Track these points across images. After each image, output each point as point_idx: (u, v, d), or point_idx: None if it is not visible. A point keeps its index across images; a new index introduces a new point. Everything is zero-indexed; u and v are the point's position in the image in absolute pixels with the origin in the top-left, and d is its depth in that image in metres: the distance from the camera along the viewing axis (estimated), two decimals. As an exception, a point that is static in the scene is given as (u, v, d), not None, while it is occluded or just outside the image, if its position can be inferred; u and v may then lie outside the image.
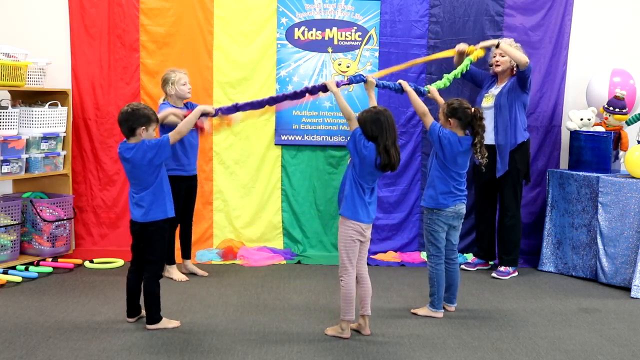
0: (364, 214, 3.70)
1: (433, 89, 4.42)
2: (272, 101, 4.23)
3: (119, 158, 3.86)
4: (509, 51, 4.96)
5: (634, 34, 5.71)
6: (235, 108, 4.25)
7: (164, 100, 4.77)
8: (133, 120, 3.70)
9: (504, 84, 5.14)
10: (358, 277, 3.80)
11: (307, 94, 4.18)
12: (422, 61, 5.42)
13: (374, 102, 3.98)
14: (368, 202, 3.71)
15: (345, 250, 3.72)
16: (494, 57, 5.15)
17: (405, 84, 4.25)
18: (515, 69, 5.05)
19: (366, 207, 3.70)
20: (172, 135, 3.81)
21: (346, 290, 3.71)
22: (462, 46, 5.10)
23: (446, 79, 4.71)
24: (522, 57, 4.90)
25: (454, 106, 4.03)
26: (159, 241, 3.83)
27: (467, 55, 5.04)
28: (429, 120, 4.07)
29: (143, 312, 3.93)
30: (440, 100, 4.32)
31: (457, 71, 4.89)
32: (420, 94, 4.30)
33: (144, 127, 3.71)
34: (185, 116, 4.12)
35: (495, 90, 5.17)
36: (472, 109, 4.03)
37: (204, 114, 4.12)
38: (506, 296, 4.67)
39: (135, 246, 3.88)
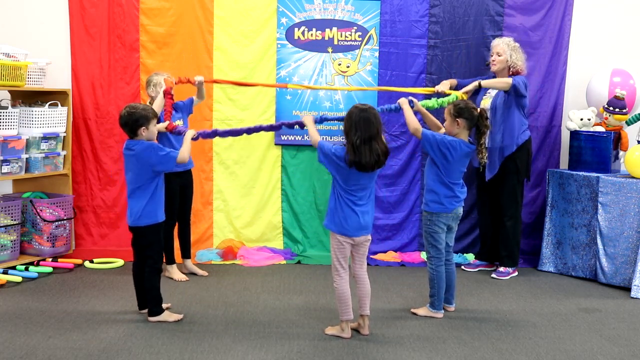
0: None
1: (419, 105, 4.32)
2: (249, 131, 4.40)
3: (122, 154, 3.93)
4: (491, 85, 4.99)
5: (634, 34, 5.70)
6: (215, 133, 4.46)
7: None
8: (132, 122, 3.84)
9: None
10: (356, 278, 3.81)
11: (282, 127, 4.44)
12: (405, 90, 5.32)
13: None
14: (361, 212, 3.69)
15: (334, 252, 3.74)
16: (491, 56, 5.15)
17: (403, 103, 4.18)
18: (512, 69, 5.05)
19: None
20: (178, 158, 3.91)
21: (339, 292, 3.73)
22: (442, 87, 5.05)
23: (435, 102, 4.45)
24: (504, 83, 4.91)
25: (461, 107, 4.06)
26: (154, 238, 3.96)
27: (446, 95, 4.82)
28: (420, 132, 4.03)
29: None
30: (426, 113, 4.27)
31: (445, 100, 4.52)
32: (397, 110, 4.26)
33: (144, 127, 3.85)
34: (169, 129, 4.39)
35: (492, 90, 5.15)
36: (478, 109, 4.08)
37: (193, 138, 4.13)
38: (506, 296, 4.67)
39: (134, 241, 4.01)
